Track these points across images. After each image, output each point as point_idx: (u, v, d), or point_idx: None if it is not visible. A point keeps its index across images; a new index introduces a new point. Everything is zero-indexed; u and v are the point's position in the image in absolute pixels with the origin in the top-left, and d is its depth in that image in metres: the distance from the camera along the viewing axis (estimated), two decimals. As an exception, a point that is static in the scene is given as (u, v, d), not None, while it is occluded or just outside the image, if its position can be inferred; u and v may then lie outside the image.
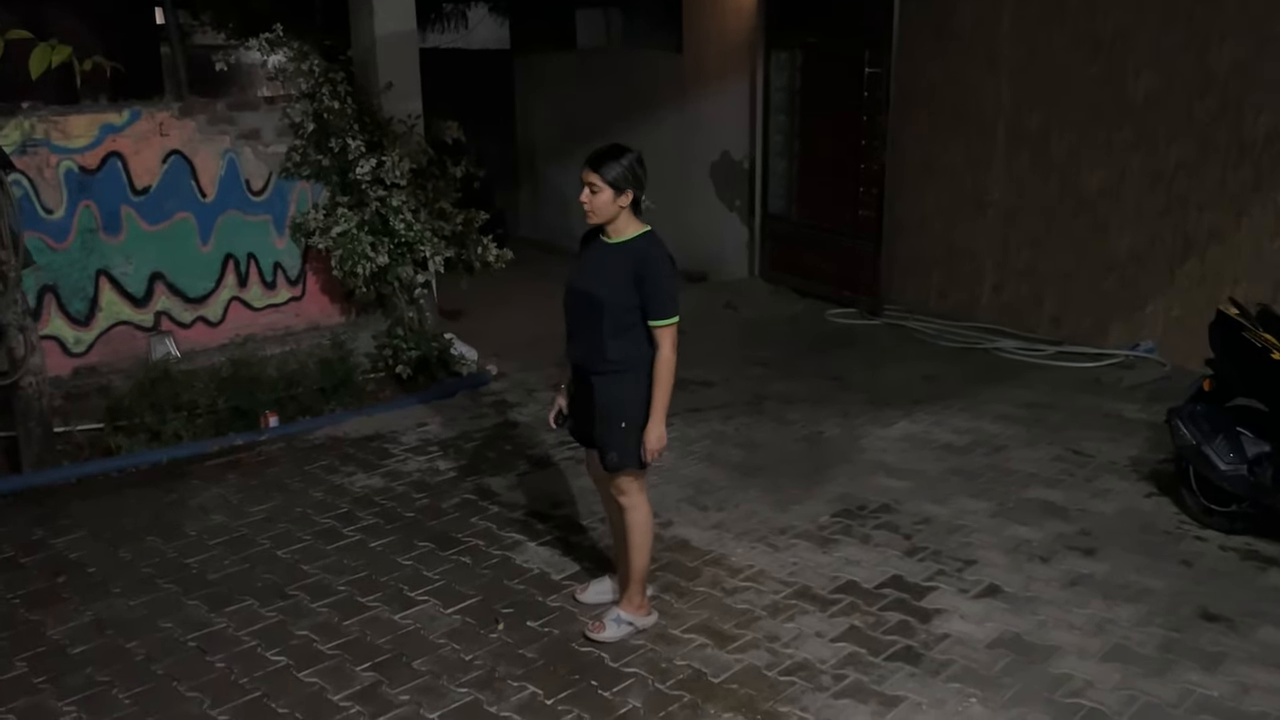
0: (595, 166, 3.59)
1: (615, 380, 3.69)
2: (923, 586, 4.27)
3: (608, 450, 3.76)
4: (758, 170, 9.08)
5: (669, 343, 3.67)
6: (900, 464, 5.47)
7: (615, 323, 3.62)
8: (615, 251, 3.66)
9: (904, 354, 7.38)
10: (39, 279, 5.65)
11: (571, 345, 3.80)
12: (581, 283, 3.69)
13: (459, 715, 3.49)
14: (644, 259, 3.63)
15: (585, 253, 3.77)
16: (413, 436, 6.02)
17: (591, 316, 3.64)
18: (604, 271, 3.65)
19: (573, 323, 3.76)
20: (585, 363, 3.73)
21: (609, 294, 3.61)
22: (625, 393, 3.70)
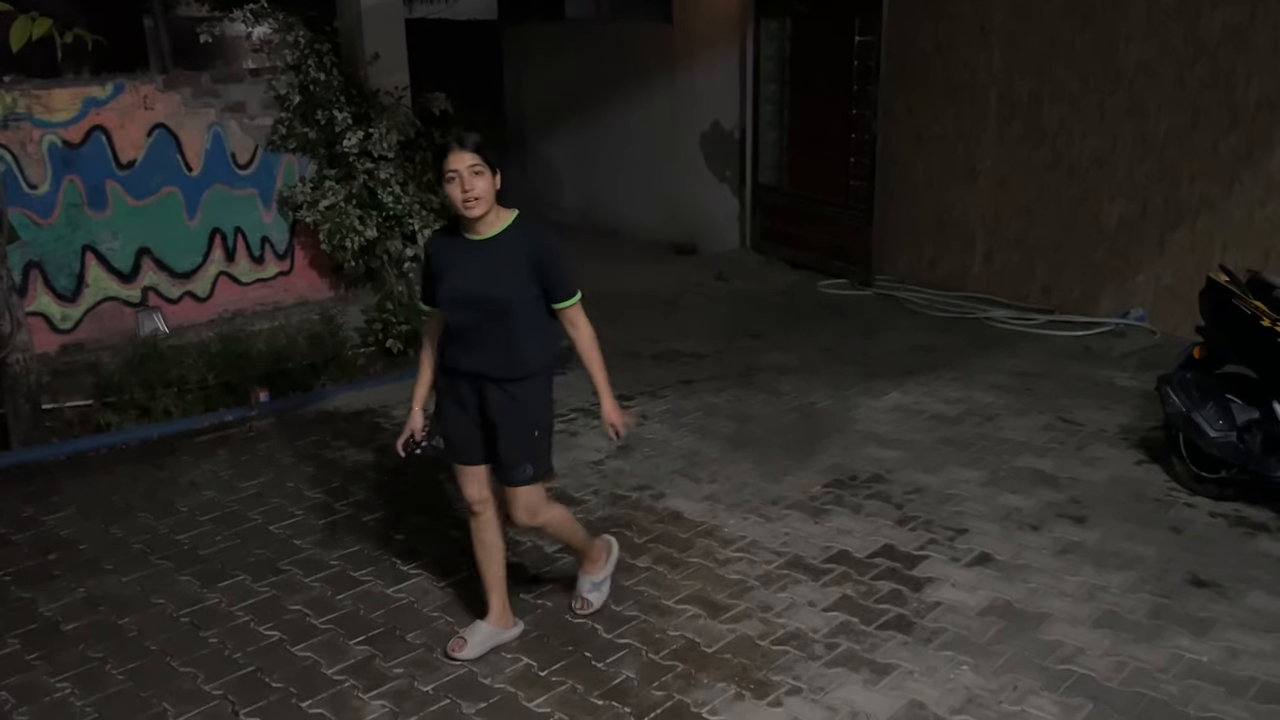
0: (474, 147, 3.27)
1: (531, 385, 3.45)
2: (914, 555, 4.28)
3: (520, 464, 3.48)
4: (748, 140, 9.04)
5: (585, 318, 3.51)
6: (892, 434, 5.48)
7: (528, 322, 3.39)
8: (498, 245, 3.37)
9: (895, 324, 7.37)
10: (24, 255, 5.60)
11: (468, 356, 3.42)
12: (472, 288, 3.35)
13: (453, 688, 3.50)
14: (538, 244, 3.39)
15: (451, 257, 3.41)
16: (404, 411, 5.94)
17: (500, 322, 3.35)
18: (495, 269, 3.34)
19: (468, 333, 3.40)
20: (494, 372, 3.40)
21: (514, 292, 3.35)
22: (541, 396, 3.51)
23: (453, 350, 3.45)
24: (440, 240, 3.51)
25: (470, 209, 3.28)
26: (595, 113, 10.08)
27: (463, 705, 3.41)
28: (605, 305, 7.84)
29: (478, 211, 3.29)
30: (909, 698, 3.40)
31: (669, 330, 7.29)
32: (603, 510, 4.74)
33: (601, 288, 8.28)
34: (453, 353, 3.46)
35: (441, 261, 3.43)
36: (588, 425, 5.70)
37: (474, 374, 3.43)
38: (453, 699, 3.44)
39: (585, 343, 3.52)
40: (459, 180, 3.25)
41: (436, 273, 3.45)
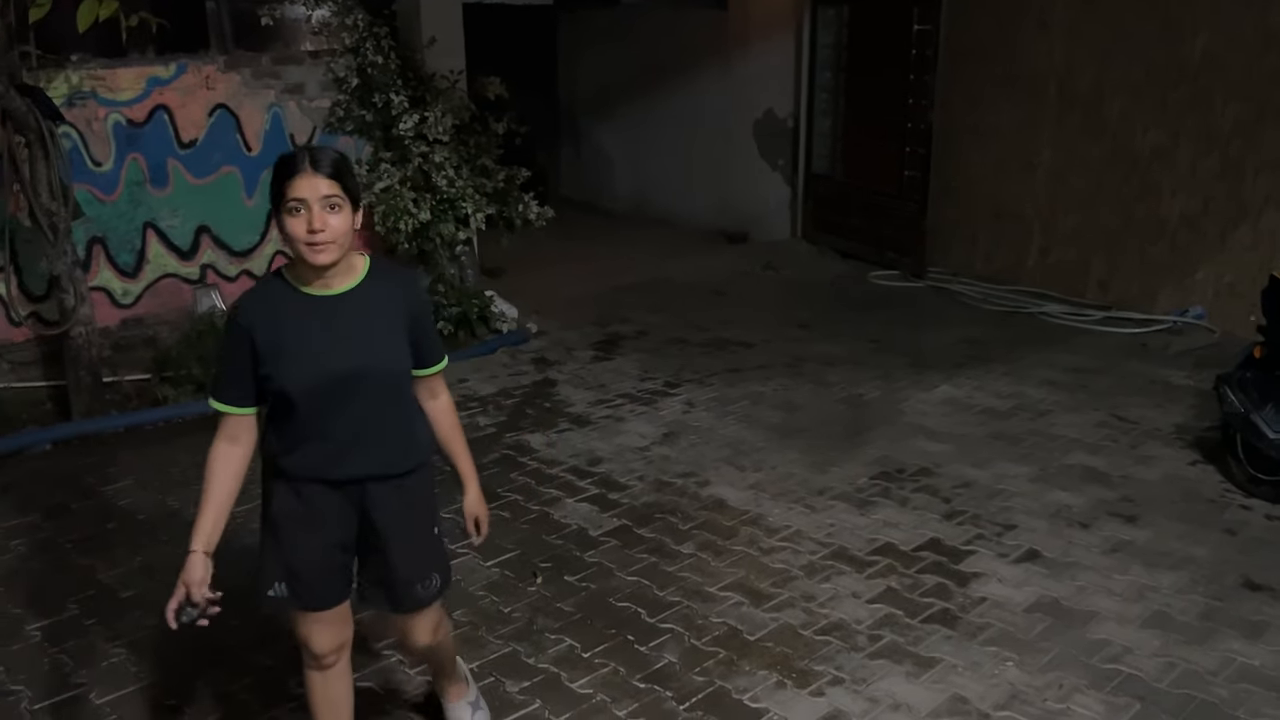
0: (334, 172, 2.43)
1: (423, 474, 2.72)
2: (961, 550, 4.25)
3: (426, 576, 2.75)
4: (802, 129, 8.98)
5: (446, 387, 2.84)
6: (941, 427, 5.43)
7: (409, 396, 2.67)
8: (360, 299, 2.55)
9: (947, 317, 7.30)
10: (88, 231, 5.72)
11: (345, 457, 2.56)
12: (343, 360, 2.50)
13: (498, 665, 3.54)
14: (413, 294, 2.69)
15: (293, 324, 2.50)
16: (453, 392, 5.90)
17: (386, 400, 2.58)
18: (368, 331, 2.54)
19: (342, 425, 2.53)
20: (384, 468, 2.61)
21: (395, 360, 2.60)
22: (428, 488, 2.78)
23: (311, 454, 2.55)
24: (260, 303, 2.54)
25: (317, 254, 2.42)
26: (648, 99, 10.07)
27: (506, 684, 3.45)
28: (654, 293, 7.90)
29: (326, 258, 2.43)
30: (952, 692, 3.38)
31: (717, 318, 7.28)
32: (647, 496, 4.75)
33: (650, 275, 8.32)
34: (312, 458, 2.56)
35: (275, 332, 2.48)
36: (634, 412, 5.72)
37: (354, 480, 2.59)
38: (496, 677, 3.48)
39: (448, 415, 2.82)
40: (305, 214, 2.40)
41: (270, 349, 2.48)
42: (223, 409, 2.58)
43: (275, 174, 2.47)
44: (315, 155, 2.45)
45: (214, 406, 2.58)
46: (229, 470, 2.58)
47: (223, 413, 2.58)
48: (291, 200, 2.42)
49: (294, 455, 2.57)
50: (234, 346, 2.53)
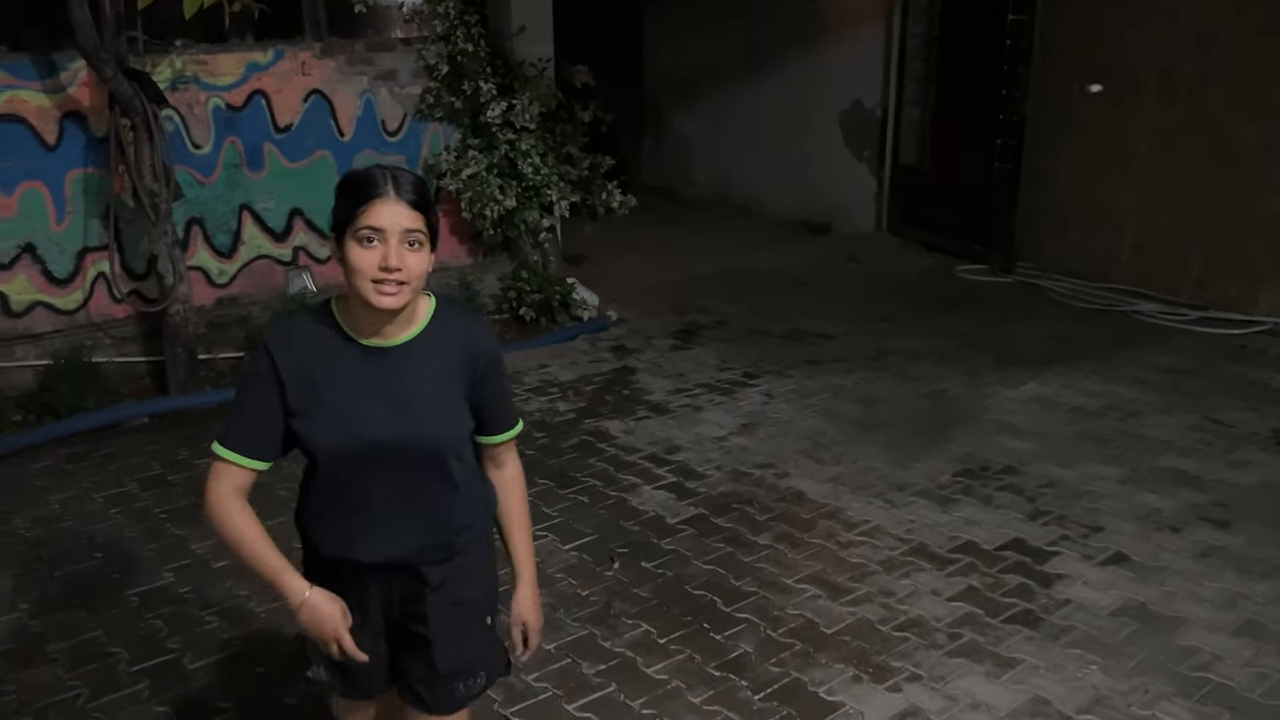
0: (419, 202, 2.04)
1: (472, 556, 2.27)
2: (1045, 550, 4.17)
3: (472, 673, 2.32)
4: (890, 119, 8.85)
5: (517, 456, 2.38)
6: (1027, 425, 5.33)
7: (461, 467, 2.21)
8: (418, 353, 2.13)
9: (1036, 313, 7.15)
10: (187, 211, 5.90)
11: (376, 539, 2.17)
12: (385, 426, 2.09)
13: (575, 647, 3.58)
14: (483, 345, 2.20)
15: (332, 374, 2.10)
16: (534, 377, 6.13)
17: (432, 476, 2.16)
18: (423, 396, 2.13)
19: (377, 502, 2.15)
20: (425, 554, 2.20)
21: (455, 427, 2.18)
22: (486, 569, 2.33)
23: (340, 529, 2.18)
24: (298, 343, 2.11)
25: (385, 297, 2.01)
26: (733, 88, 10.01)
27: (582, 665, 3.49)
28: (734, 283, 7.88)
29: (395, 303, 2.03)
30: (1033, 693, 3.32)
31: (798, 310, 7.23)
32: (725, 486, 4.75)
33: (731, 265, 8.29)
34: (341, 533, 2.18)
35: (310, 382, 2.08)
36: (712, 401, 5.72)
37: (387, 565, 2.19)
38: (573, 658, 3.52)
39: (514, 491, 2.35)
40: (380, 247, 2.00)
41: (301, 400, 2.08)
42: (231, 458, 2.08)
43: (347, 194, 2.04)
44: (399, 179, 2.03)
45: (219, 453, 2.08)
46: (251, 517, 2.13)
47: (228, 462, 2.08)
48: (365, 228, 2.00)
49: (323, 527, 2.21)
50: (258, 386, 2.09)
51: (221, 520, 2.10)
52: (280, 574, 2.11)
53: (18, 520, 4.47)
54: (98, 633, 3.69)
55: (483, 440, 2.28)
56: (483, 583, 2.32)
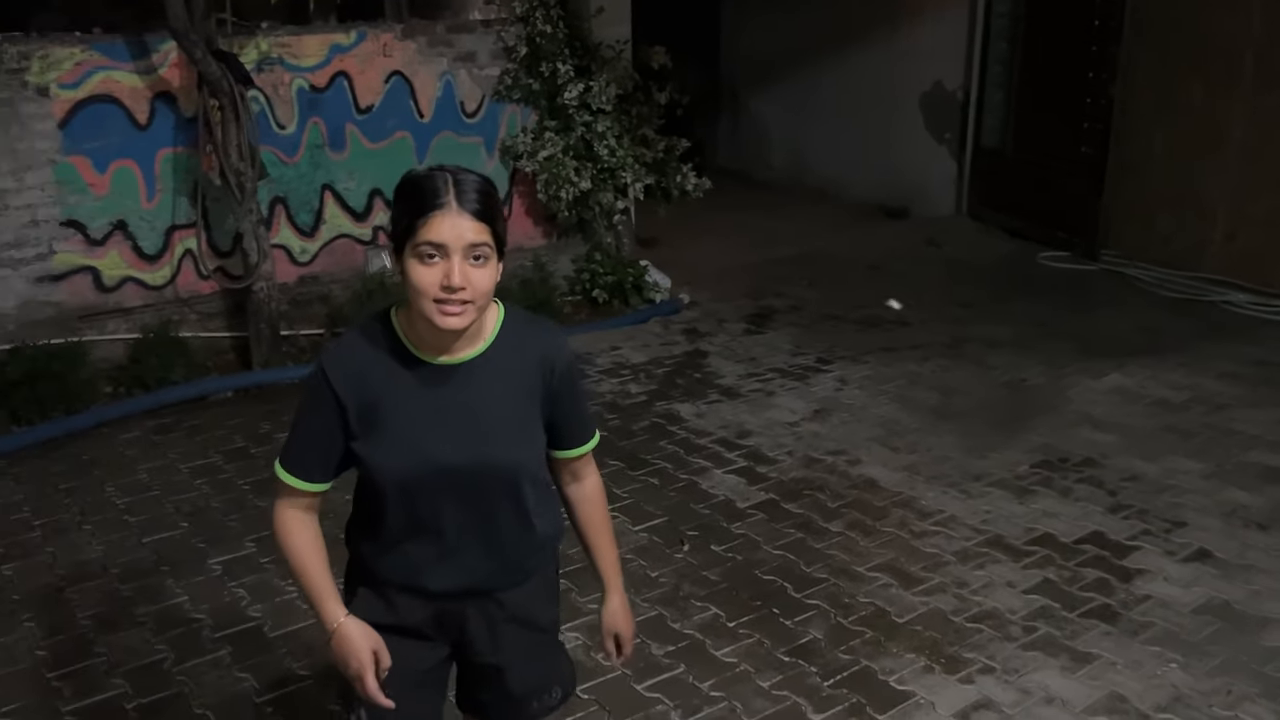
0: (484, 211, 1.86)
1: (545, 575, 2.20)
2: (1125, 545, 4.07)
3: (544, 692, 2.24)
4: (972, 102, 8.67)
5: (595, 467, 2.25)
6: (1109, 417, 5.20)
7: (534, 490, 2.08)
8: (485, 370, 1.99)
9: (1121, 302, 6.97)
10: (271, 191, 6.03)
11: (443, 568, 2.04)
12: (455, 450, 1.96)
13: (644, 628, 3.59)
14: (556, 360, 2.05)
15: (395, 395, 1.96)
16: (606, 359, 6.15)
17: (500, 499, 2.03)
18: (494, 415, 1.99)
19: (444, 530, 2.01)
20: (494, 580, 2.08)
21: (524, 449, 2.05)
22: (554, 586, 2.26)
23: (404, 559, 2.04)
24: (358, 362, 1.97)
25: (449, 318, 1.86)
26: (811, 70, 9.90)
27: (651, 646, 3.51)
28: (808, 267, 7.81)
29: (460, 323, 1.88)
30: (1110, 689, 3.26)
31: (873, 295, 7.14)
32: (796, 472, 4.73)
33: (805, 249, 8.22)
34: (405, 563, 2.05)
35: (372, 403, 1.96)
36: (785, 387, 5.69)
37: (455, 593, 2.07)
38: (643, 639, 3.53)
39: (594, 503, 2.22)
40: (442, 264, 1.84)
41: (364, 424, 1.96)
42: (291, 482, 2.00)
43: (406, 203, 1.87)
44: (462, 186, 1.84)
45: (281, 476, 2.01)
46: (313, 536, 2.04)
47: (289, 486, 2.01)
48: (425, 244, 1.83)
49: (384, 557, 2.06)
50: (317, 408, 1.97)
51: (279, 536, 2.05)
52: (320, 600, 2.02)
53: (109, 488, 4.63)
54: (183, 599, 3.81)
55: (560, 455, 2.15)
56: (553, 600, 2.25)
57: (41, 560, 4.07)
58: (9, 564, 4.04)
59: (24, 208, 5.42)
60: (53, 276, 5.55)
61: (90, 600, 3.80)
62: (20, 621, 3.68)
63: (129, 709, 3.24)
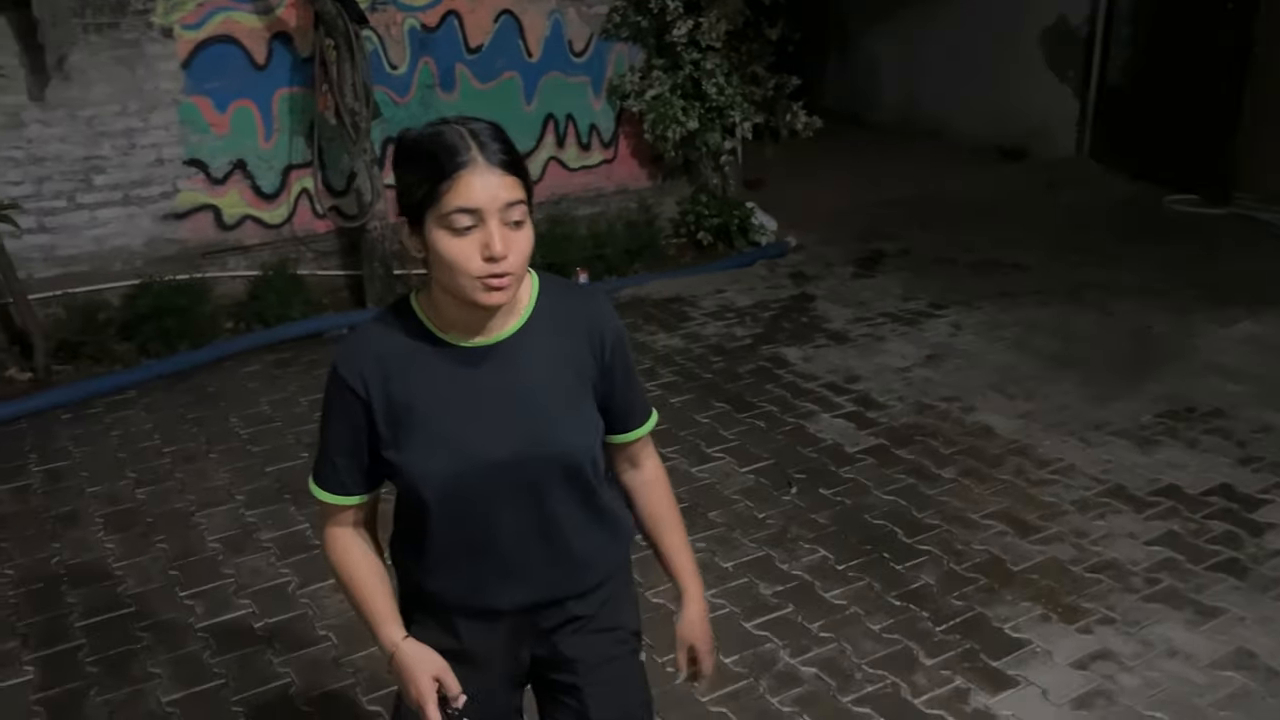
0: (513, 163, 1.61)
1: (619, 576, 1.95)
2: (1256, 498, 3.91)
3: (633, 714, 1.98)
4: (1098, 37, 8.28)
5: (655, 451, 1.99)
6: (1240, 366, 4.98)
7: (597, 478, 1.83)
8: (532, 346, 1.74)
9: (1254, 248, 6.63)
10: (384, 131, 6.09)
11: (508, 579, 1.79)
12: (502, 443, 1.70)
13: (752, 567, 3.60)
14: (602, 326, 1.80)
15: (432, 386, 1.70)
16: (711, 302, 6.11)
17: (559, 495, 1.77)
18: (541, 398, 1.74)
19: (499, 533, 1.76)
20: (560, 590, 1.83)
21: (579, 435, 1.78)
22: (631, 589, 2.00)
23: (459, 576, 1.79)
24: (376, 356, 1.71)
25: (493, 294, 1.62)
26: (924, 5, 9.56)
27: (759, 585, 3.51)
28: (920, 209, 7.61)
29: (505, 298, 1.64)
30: (1237, 645, 3.14)
31: (989, 239, 6.93)
32: (907, 417, 4.64)
33: (917, 191, 8.01)
34: (461, 581, 1.79)
35: (400, 401, 1.70)
36: (895, 331, 5.58)
37: (524, 608, 1.83)
38: (751, 579, 3.54)
39: (658, 490, 1.97)
40: (480, 233, 1.59)
41: (393, 424, 1.71)
42: (329, 499, 1.78)
43: (420, 167, 1.60)
44: (482, 138, 1.59)
45: (317, 495, 1.78)
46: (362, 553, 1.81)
47: (327, 503, 1.79)
48: (456, 211, 1.57)
49: (435, 576, 1.80)
50: (339, 414, 1.73)
51: (330, 559, 1.81)
52: (376, 622, 1.77)
53: (233, 419, 4.80)
54: (304, 526, 3.94)
55: (615, 440, 1.89)
56: (631, 603, 1.98)
57: (172, 486, 4.25)
58: (142, 489, 4.23)
59: (150, 147, 5.59)
60: (177, 214, 5.74)
61: (218, 525, 3.96)
62: (154, 543, 3.85)
63: (256, 628, 3.38)
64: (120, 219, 5.60)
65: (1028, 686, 3.01)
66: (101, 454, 4.50)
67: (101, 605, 3.50)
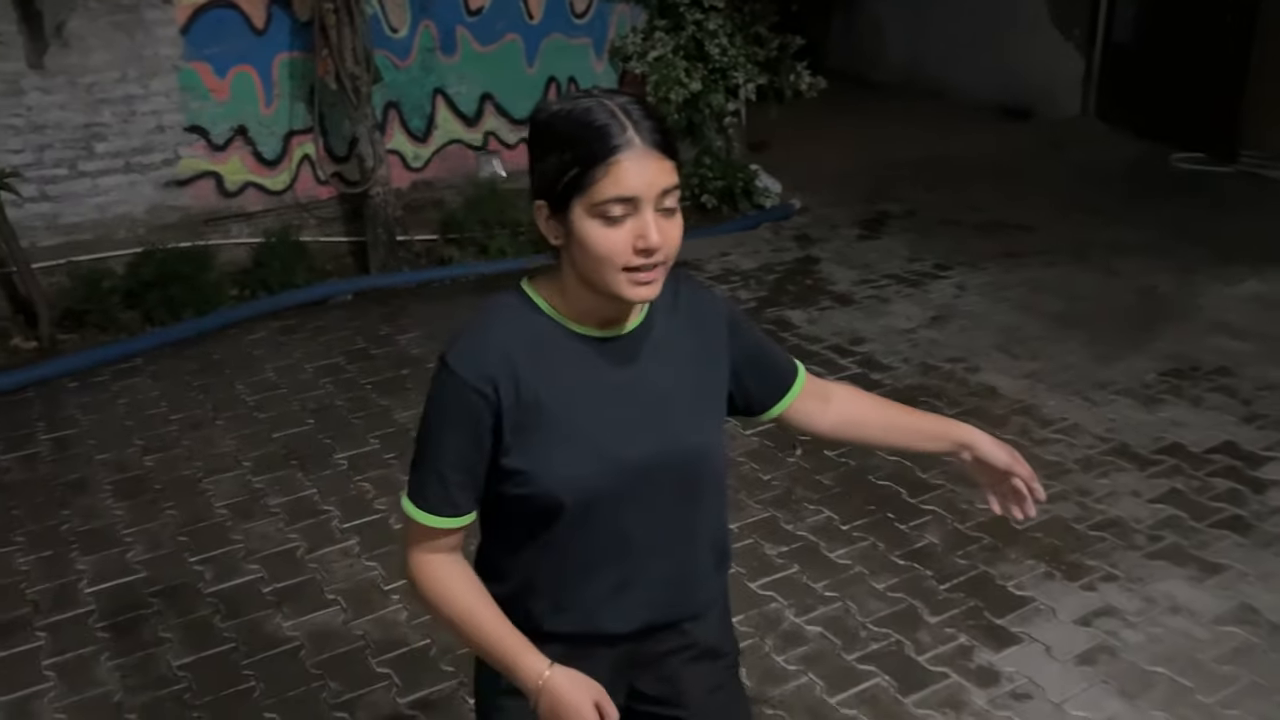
0: (670, 144, 1.45)
1: (726, 595, 1.79)
2: (1259, 455, 3.92)
3: None
4: (1103, -5, 8.20)
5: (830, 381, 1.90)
6: (1244, 325, 4.97)
7: (725, 484, 1.73)
8: (663, 335, 1.61)
9: (1260, 206, 6.59)
10: (384, 96, 6.06)
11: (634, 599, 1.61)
12: (646, 441, 1.55)
13: (757, 528, 3.62)
14: (715, 305, 1.70)
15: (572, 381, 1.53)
16: (715, 265, 6.10)
17: (691, 499, 1.62)
18: (673, 389, 1.59)
19: (632, 544, 1.58)
20: (678, 608, 1.66)
21: (713, 429, 1.65)
22: (728, 606, 1.82)
23: (578, 598, 1.60)
24: (506, 352, 1.53)
25: (644, 287, 1.47)
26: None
27: (765, 546, 3.53)
28: (925, 170, 7.56)
29: (657, 291, 1.49)
30: (1240, 600, 3.17)
31: (995, 199, 6.89)
32: (912, 379, 4.65)
33: (922, 152, 7.96)
34: (580, 604, 1.60)
35: (530, 399, 1.51)
36: (900, 293, 5.57)
37: (638, 633, 1.64)
38: (756, 539, 3.56)
39: (857, 392, 1.88)
40: (634, 222, 1.43)
41: (525, 427, 1.52)
42: (437, 524, 1.55)
43: (568, 148, 1.42)
44: (636, 116, 1.42)
45: (420, 520, 1.56)
46: (471, 578, 1.60)
47: (433, 528, 1.56)
48: (612, 200, 1.41)
49: (547, 596, 1.60)
50: (458, 423, 1.53)
51: (427, 590, 1.58)
52: (512, 652, 1.54)
53: (239, 386, 4.81)
54: (312, 491, 3.97)
55: (788, 403, 1.76)
56: (731, 629, 1.81)
57: (179, 453, 4.27)
58: (150, 456, 4.25)
59: (150, 114, 5.57)
60: (178, 181, 5.72)
61: (226, 491, 3.99)
62: (162, 509, 3.88)
63: (265, 593, 3.41)
64: (122, 186, 5.59)
65: (1031, 643, 3.04)
66: (109, 422, 4.53)
67: (111, 571, 3.53)
